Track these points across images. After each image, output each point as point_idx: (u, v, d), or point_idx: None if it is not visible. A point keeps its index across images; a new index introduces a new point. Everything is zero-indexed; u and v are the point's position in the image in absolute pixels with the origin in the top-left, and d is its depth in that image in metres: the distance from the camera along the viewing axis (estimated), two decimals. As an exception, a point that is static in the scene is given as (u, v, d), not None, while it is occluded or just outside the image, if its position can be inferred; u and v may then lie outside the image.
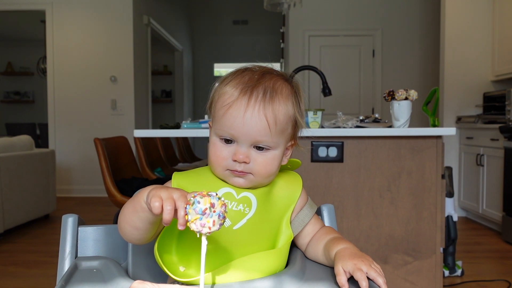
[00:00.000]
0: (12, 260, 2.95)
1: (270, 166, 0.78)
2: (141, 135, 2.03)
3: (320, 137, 1.95)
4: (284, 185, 0.84)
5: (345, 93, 5.43)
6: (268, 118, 0.75)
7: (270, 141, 0.77)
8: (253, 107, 0.75)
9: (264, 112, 0.75)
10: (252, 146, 0.77)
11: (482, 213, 3.80)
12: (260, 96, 0.76)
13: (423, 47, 5.42)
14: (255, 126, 0.75)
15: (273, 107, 0.76)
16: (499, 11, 4.12)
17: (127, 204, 0.75)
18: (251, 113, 0.74)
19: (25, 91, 8.78)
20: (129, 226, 0.74)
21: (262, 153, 0.77)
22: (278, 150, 0.79)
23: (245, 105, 0.75)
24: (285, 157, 0.85)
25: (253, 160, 0.77)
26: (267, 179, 0.80)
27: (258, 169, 0.77)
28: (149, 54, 5.99)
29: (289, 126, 0.80)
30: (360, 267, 0.71)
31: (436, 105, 2.17)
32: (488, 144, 3.71)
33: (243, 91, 0.76)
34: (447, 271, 2.59)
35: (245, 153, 0.76)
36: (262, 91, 0.76)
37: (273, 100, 0.76)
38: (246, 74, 0.79)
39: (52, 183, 4.12)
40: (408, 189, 1.96)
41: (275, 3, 3.31)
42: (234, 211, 0.78)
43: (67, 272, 0.79)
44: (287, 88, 0.81)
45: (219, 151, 0.78)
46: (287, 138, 0.81)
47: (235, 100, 0.75)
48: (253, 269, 0.75)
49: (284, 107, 0.78)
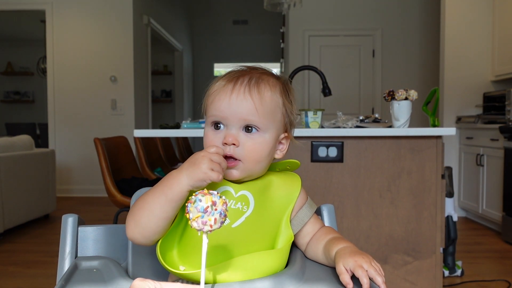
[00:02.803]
0: (12, 260, 2.95)
1: (259, 150, 0.79)
2: (141, 135, 2.03)
3: (320, 137, 1.95)
4: (282, 184, 0.85)
5: (345, 93, 5.43)
6: (254, 98, 0.77)
7: (258, 121, 0.78)
8: (239, 90, 0.78)
9: (250, 93, 0.78)
10: (241, 129, 0.78)
11: (482, 213, 3.80)
12: (245, 81, 0.79)
13: (423, 47, 5.42)
14: (241, 105, 0.77)
15: (259, 90, 0.78)
16: (499, 11, 4.12)
17: (151, 199, 0.74)
18: (237, 95, 0.77)
19: (25, 91, 8.78)
20: (159, 218, 0.73)
21: (251, 136, 0.78)
22: (268, 135, 0.80)
23: (231, 88, 0.78)
24: (280, 151, 0.85)
25: (242, 144, 0.78)
26: (257, 165, 0.79)
27: (247, 153, 0.78)
28: (149, 54, 5.99)
29: (278, 113, 0.81)
30: (361, 264, 0.71)
31: (436, 105, 2.17)
32: (488, 144, 3.71)
33: (229, 79, 0.80)
34: (447, 271, 2.59)
35: (233, 135, 0.77)
36: (248, 78, 0.79)
37: (258, 85, 0.79)
38: (235, 70, 0.83)
39: (52, 183, 4.12)
40: (408, 189, 1.96)
41: (275, 3, 3.31)
42: (232, 209, 0.78)
43: (67, 272, 0.79)
44: (275, 81, 0.83)
45: (210, 138, 0.80)
46: (277, 125, 0.81)
47: (222, 87, 0.79)
48: (253, 268, 0.75)
49: (269, 92, 0.80)
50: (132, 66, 5.36)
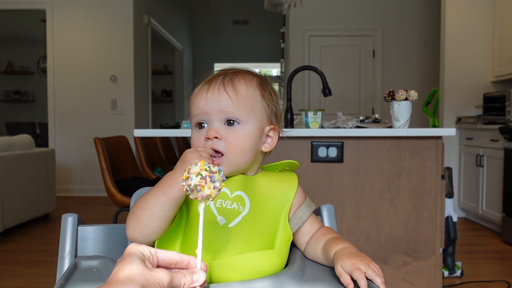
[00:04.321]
0: (11, 259, 2.95)
1: (242, 142, 0.80)
2: (141, 135, 2.04)
3: (320, 137, 1.95)
4: (278, 184, 0.85)
5: (345, 93, 5.43)
6: (229, 92, 0.80)
7: (236, 112, 0.79)
8: (214, 87, 0.81)
9: (224, 88, 0.81)
10: (223, 123, 0.80)
11: (482, 213, 3.80)
12: (220, 80, 0.82)
13: (423, 48, 5.42)
14: (217, 100, 0.80)
15: (233, 84, 0.81)
16: (499, 11, 4.12)
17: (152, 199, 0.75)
18: (212, 92, 0.81)
19: (25, 90, 8.79)
20: (159, 217, 0.74)
21: (233, 129, 0.80)
22: (250, 126, 0.81)
23: (206, 88, 0.82)
24: (268, 144, 0.85)
25: (225, 137, 0.79)
26: (242, 158, 0.80)
27: (230, 146, 0.79)
28: (149, 54, 6.00)
29: (257, 104, 0.82)
30: (359, 266, 0.71)
31: (436, 105, 2.17)
32: (488, 145, 3.71)
33: (206, 81, 0.84)
34: (447, 271, 2.59)
35: (215, 129, 0.79)
36: (222, 77, 0.82)
37: (233, 80, 0.82)
38: (213, 74, 0.86)
39: (52, 183, 4.12)
40: (408, 189, 1.96)
41: (275, 3, 3.31)
42: (228, 209, 0.79)
43: (66, 272, 0.79)
44: (251, 76, 0.85)
45: (194, 137, 0.82)
46: (259, 117, 0.82)
47: (200, 89, 0.83)
48: (252, 268, 0.75)
49: (244, 86, 0.82)
50: (132, 66, 5.36)
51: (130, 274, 0.55)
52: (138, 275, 0.55)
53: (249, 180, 0.83)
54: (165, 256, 0.62)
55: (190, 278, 0.61)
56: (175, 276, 0.59)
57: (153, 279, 0.56)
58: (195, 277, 0.61)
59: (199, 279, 0.62)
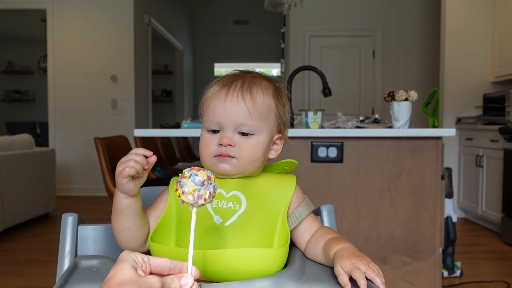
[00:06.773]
0: (11, 258, 2.95)
1: (254, 150, 0.82)
2: (141, 135, 2.04)
3: (320, 137, 1.95)
4: (276, 184, 0.86)
5: (345, 93, 5.43)
6: (247, 102, 0.81)
7: (252, 124, 0.81)
8: (232, 95, 0.81)
9: (243, 97, 0.81)
10: (237, 132, 0.81)
11: (482, 214, 3.81)
12: (238, 86, 0.82)
13: (423, 48, 5.42)
14: (235, 110, 0.81)
15: (251, 94, 0.82)
16: (499, 12, 4.12)
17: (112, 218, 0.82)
18: (231, 99, 0.81)
19: (25, 90, 8.78)
20: (120, 230, 0.81)
21: (247, 138, 0.82)
22: (262, 136, 0.83)
23: (225, 94, 0.82)
24: (274, 151, 0.88)
25: (238, 144, 0.81)
26: (251, 164, 0.82)
27: (242, 153, 0.81)
28: (149, 54, 6.00)
29: (271, 115, 0.84)
30: (359, 266, 0.71)
31: (436, 106, 2.17)
32: (488, 145, 3.71)
33: (223, 84, 0.84)
34: (446, 272, 2.59)
35: (229, 137, 0.81)
36: (240, 83, 0.83)
37: (251, 89, 0.82)
38: (229, 75, 0.86)
39: (52, 182, 4.12)
40: (407, 189, 1.96)
41: (275, 3, 3.31)
42: (224, 208, 0.80)
43: (66, 271, 0.79)
44: (267, 83, 0.86)
45: (206, 140, 0.83)
46: (271, 127, 0.85)
47: (217, 93, 0.83)
48: (250, 266, 0.75)
49: (262, 96, 0.83)
50: (132, 66, 5.36)
51: (122, 281, 0.56)
52: (130, 282, 0.56)
53: (247, 181, 0.84)
54: (158, 263, 0.63)
55: (178, 282, 0.62)
56: (165, 282, 0.60)
57: (144, 285, 0.57)
58: (183, 281, 0.63)
59: (187, 283, 0.63)
